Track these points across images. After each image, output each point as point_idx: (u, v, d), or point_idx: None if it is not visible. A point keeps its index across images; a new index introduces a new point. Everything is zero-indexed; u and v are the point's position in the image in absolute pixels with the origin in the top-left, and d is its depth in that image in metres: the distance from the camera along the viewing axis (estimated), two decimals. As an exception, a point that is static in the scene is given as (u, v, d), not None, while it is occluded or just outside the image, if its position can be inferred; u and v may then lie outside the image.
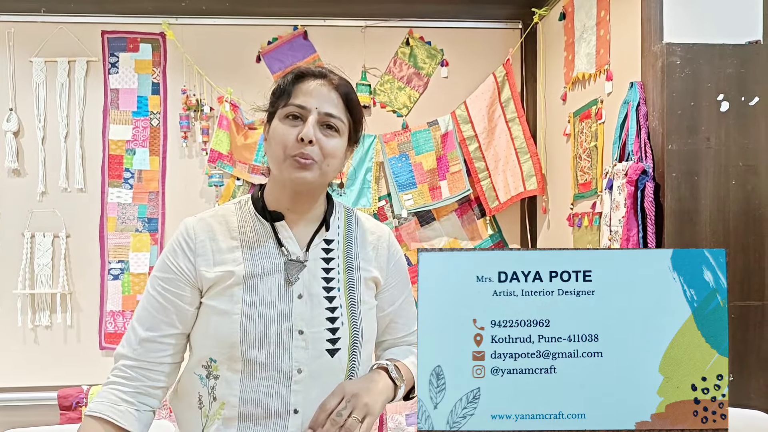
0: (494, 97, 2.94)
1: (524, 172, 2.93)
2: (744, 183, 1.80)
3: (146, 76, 2.93)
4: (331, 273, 1.10)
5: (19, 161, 2.87)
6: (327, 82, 1.07)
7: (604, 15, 2.26)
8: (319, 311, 1.07)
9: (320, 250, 1.11)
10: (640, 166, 1.82)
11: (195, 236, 1.07)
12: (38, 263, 2.86)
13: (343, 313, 1.08)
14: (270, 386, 1.03)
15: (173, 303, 1.06)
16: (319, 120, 1.04)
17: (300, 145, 1.02)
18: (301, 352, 1.04)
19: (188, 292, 1.06)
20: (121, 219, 2.91)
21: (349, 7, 2.97)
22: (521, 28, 3.04)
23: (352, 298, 1.10)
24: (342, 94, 1.07)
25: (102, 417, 1.01)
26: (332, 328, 1.06)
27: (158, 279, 1.07)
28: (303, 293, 1.07)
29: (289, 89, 1.07)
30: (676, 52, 1.79)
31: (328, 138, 1.05)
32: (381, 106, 3.04)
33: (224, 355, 1.03)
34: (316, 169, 1.04)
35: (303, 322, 1.05)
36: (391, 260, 1.19)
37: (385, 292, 1.19)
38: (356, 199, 2.95)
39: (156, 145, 2.94)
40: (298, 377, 1.04)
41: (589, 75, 2.40)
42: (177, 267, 1.06)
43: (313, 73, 1.08)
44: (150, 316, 1.06)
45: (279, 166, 1.06)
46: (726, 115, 1.80)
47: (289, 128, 1.04)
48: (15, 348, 2.86)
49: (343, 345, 1.07)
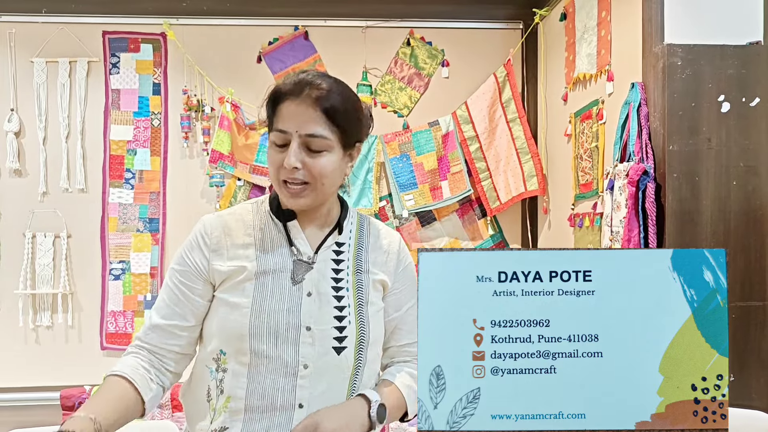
0: (495, 98, 2.94)
1: (525, 173, 2.93)
2: (745, 184, 1.80)
3: (147, 76, 2.94)
4: (340, 274, 1.13)
5: (21, 161, 2.88)
6: (305, 99, 1.04)
7: (605, 15, 2.26)
8: (327, 309, 1.09)
9: (331, 252, 1.15)
10: (641, 167, 1.82)
11: (211, 232, 1.12)
12: (39, 263, 2.86)
13: (351, 312, 1.11)
14: (276, 380, 1.05)
15: (186, 295, 1.11)
16: (301, 143, 1.04)
17: (288, 171, 1.05)
18: (307, 348, 1.07)
19: (200, 285, 1.11)
20: (122, 219, 2.91)
21: (350, 8, 2.97)
22: (522, 28, 3.04)
23: (360, 299, 1.13)
24: (322, 109, 1.04)
25: (123, 376, 1.05)
26: (339, 327, 1.09)
27: (175, 271, 1.13)
28: (312, 291, 1.10)
29: (269, 114, 1.09)
30: (677, 53, 1.79)
31: (315, 159, 1.05)
32: (382, 107, 3.04)
33: (233, 347, 1.07)
34: (309, 192, 1.07)
35: (311, 319, 1.08)
36: (399, 265, 1.21)
37: (392, 296, 1.20)
38: (357, 200, 2.95)
39: (157, 145, 2.94)
40: (304, 372, 1.06)
41: (590, 75, 2.40)
42: (192, 261, 1.12)
43: (290, 91, 1.06)
44: (165, 305, 1.12)
45: (277, 189, 1.10)
46: (727, 115, 1.80)
47: (277, 154, 1.06)
48: (16, 348, 2.87)
49: (350, 344, 1.09)
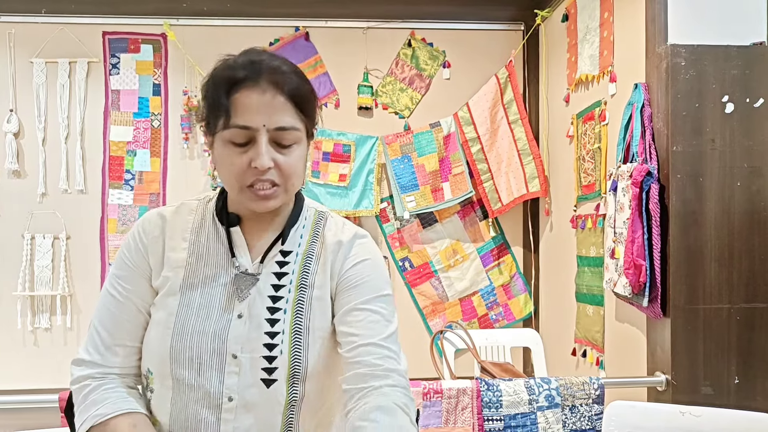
0: (497, 99, 2.94)
1: (527, 174, 2.92)
2: (749, 184, 1.79)
3: (147, 77, 2.93)
4: (280, 291, 0.95)
5: (20, 162, 2.86)
6: (267, 87, 0.88)
7: (608, 16, 2.25)
8: (257, 335, 0.92)
9: (274, 264, 0.97)
10: (644, 168, 1.81)
11: (150, 232, 0.98)
12: (38, 265, 2.85)
13: (284, 340, 0.92)
14: (199, 411, 0.91)
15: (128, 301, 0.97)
16: (270, 138, 0.89)
17: (255, 172, 0.89)
18: (233, 378, 0.91)
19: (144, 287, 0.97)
20: (121, 220, 2.90)
21: (351, 9, 2.96)
22: (524, 29, 3.03)
23: (299, 324, 0.94)
24: (288, 95, 0.89)
25: (125, 413, 0.91)
26: (269, 357, 0.91)
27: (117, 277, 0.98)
28: (243, 313, 0.93)
29: (225, 104, 0.88)
30: (680, 54, 1.78)
31: (287, 155, 0.90)
32: (383, 108, 3.03)
33: (156, 368, 0.94)
34: (279, 193, 0.92)
35: (238, 346, 0.92)
36: (346, 265, 0.98)
37: (344, 295, 0.97)
38: (358, 201, 2.94)
39: (157, 146, 2.93)
40: (229, 405, 0.91)
41: (592, 77, 2.39)
42: (132, 262, 0.97)
43: (246, 77, 0.88)
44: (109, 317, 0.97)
45: (235, 196, 0.94)
46: (731, 116, 1.79)
47: (237, 155, 0.89)
48: (15, 350, 2.85)
49: (281, 376, 0.91)
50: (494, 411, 1.74)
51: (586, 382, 1.77)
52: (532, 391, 1.75)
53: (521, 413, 1.74)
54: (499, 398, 1.74)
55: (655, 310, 1.82)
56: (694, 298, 1.77)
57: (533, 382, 1.77)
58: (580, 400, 1.76)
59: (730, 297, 1.78)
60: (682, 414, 1.46)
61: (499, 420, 1.74)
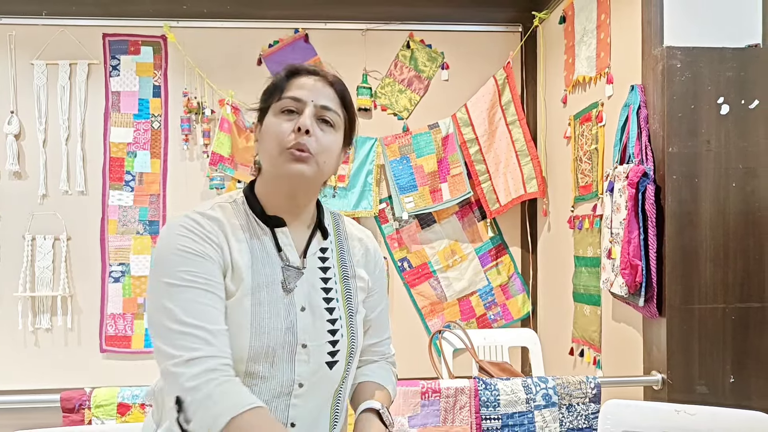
0: (495, 100, 2.95)
1: (525, 175, 2.94)
2: (744, 185, 1.81)
3: (147, 78, 2.94)
4: (329, 283, 1.07)
5: (20, 164, 2.88)
6: (322, 78, 1.04)
7: (605, 18, 2.27)
8: (321, 324, 1.03)
9: (316, 259, 1.07)
10: (641, 169, 1.83)
11: (211, 230, 0.97)
12: (39, 266, 2.86)
13: (343, 324, 1.05)
14: (269, 401, 0.98)
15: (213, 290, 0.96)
16: (315, 113, 1.00)
17: (296, 136, 0.98)
18: (303, 366, 1.00)
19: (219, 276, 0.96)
20: (122, 221, 2.91)
21: (350, 10, 2.98)
22: (521, 31, 3.05)
23: (350, 308, 1.08)
24: (337, 90, 1.05)
25: (249, 410, 0.88)
26: (333, 341, 1.03)
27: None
28: (305, 305, 1.02)
29: (282, 85, 1.03)
30: (676, 56, 1.80)
31: (325, 132, 1.01)
32: (382, 109, 3.05)
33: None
34: (313, 162, 0.99)
35: (306, 336, 1.01)
36: (376, 267, 1.17)
37: (370, 298, 1.15)
38: (357, 202, 2.95)
39: (157, 147, 2.94)
40: (299, 391, 1.00)
41: (589, 78, 2.41)
42: (201, 253, 0.94)
43: (306, 69, 1.05)
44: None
45: (274, 161, 0.99)
46: (726, 118, 1.81)
47: (284, 122, 1.00)
48: (15, 351, 2.86)
49: (341, 357, 1.04)
50: (492, 410, 1.75)
51: (583, 381, 1.79)
52: (530, 390, 1.76)
53: (519, 412, 1.76)
54: (496, 397, 1.75)
55: (651, 310, 1.84)
56: (689, 297, 1.79)
57: (531, 381, 1.78)
58: (577, 399, 1.78)
59: (725, 297, 1.79)
60: (677, 412, 1.47)
61: (496, 419, 1.75)
